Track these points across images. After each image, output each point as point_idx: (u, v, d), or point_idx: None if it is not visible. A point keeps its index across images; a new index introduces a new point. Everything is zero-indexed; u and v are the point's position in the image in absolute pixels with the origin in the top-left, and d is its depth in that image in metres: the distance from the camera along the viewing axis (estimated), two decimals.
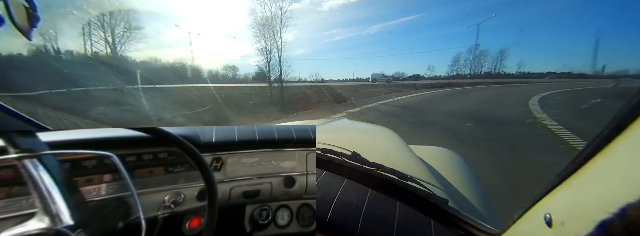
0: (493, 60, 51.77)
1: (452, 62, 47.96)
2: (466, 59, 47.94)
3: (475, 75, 45.25)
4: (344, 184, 0.74)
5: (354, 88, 19.70)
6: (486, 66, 49.78)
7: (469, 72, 47.40)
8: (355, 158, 0.92)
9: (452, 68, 47.67)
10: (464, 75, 43.88)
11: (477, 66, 48.73)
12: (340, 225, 0.58)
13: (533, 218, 0.40)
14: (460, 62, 48.26)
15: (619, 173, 0.26)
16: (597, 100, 8.24)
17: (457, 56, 48.29)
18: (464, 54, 49.01)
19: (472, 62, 48.15)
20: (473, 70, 48.46)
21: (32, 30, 0.53)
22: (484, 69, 50.67)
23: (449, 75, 44.59)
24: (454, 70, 47.32)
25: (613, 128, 0.27)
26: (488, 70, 50.48)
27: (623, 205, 0.23)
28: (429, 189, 0.77)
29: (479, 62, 49.25)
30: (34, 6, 0.51)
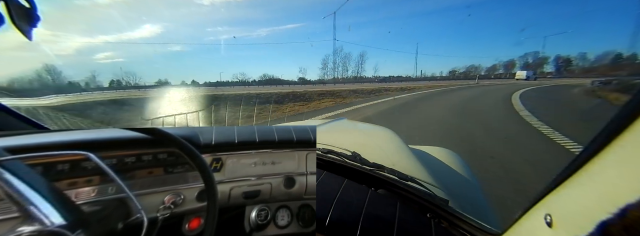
0: (355, 63, 67.35)
1: (321, 65, 64.07)
2: (334, 61, 64.56)
3: (342, 78, 59.67)
4: (344, 184, 0.74)
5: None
6: (350, 70, 66.74)
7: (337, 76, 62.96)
8: (355, 158, 0.92)
9: (323, 71, 64.09)
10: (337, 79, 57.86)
11: (343, 70, 65.15)
12: (340, 225, 0.58)
13: (533, 218, 0.40)
14: (329, 65, 64.67)
15: (619, 173, 0.26)
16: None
17: (325, 58, 64.53)
18: (330, 56, 65.76)
19: (336, 66, 64.17)
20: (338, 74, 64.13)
21: (31, 30, 0.53)
22: (349, 72, 66.86)
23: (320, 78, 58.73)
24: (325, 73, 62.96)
25: (613, 128, 0.27)
26: (352, 73, 66.38)
27: (623, 205, 0.23)
28: (429, 189, 0.77)
29: (345, 65, 65.61)
30: (34, 6, 0.51)
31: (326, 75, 64.94)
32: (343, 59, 68.05)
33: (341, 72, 67.50)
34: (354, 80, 52.26)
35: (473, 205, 0.95)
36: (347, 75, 66.69)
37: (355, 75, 66.68)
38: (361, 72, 69.52)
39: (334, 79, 58.88)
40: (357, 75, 67.49)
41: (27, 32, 0.52)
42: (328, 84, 38.09)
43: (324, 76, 63.98)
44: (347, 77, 65.44)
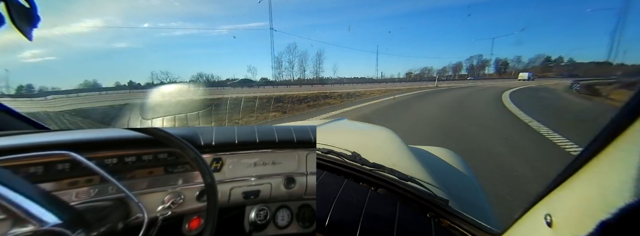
0: (313, 63, 67.52)
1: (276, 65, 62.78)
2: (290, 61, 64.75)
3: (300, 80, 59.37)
4: (344, 184, 0.74)
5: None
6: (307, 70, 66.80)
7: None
8: (355, 158, 0.92)
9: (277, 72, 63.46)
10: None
11: (300, 70, 64.98)
12: (340, 225, 0.58)
13: (533, 218, 0.40)
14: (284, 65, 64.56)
15: (619, 173, 0.26)
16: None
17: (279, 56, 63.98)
18: (284, 54, 65.44)
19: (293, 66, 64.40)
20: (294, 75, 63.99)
21: (32, 30, 0.53)
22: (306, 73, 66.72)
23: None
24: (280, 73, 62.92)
25: (613, 128, 0.27)
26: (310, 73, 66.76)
27: (623, 205, 0.23)
28: (429, 189, 0.77)
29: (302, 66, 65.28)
30: (34, 6, 0.52)
31: (282, 76, 62.58)
32: (300, 58, 66.28)
33: (297, 72, 65.08)
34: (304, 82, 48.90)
35: (473, 205, 0.95)
36: (304, 76, 64.54)
37: (314, 77, 64.40)
38: (319, 72, 68.57)
39: (284, 81, 55.89)
40: (316, 76, 65.07)
41: (27, 32, 0.52)
42: (280, 86, 35.97)
43: (280, 76, 61.42)
44: (304, 77, 63.14)
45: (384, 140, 1.38)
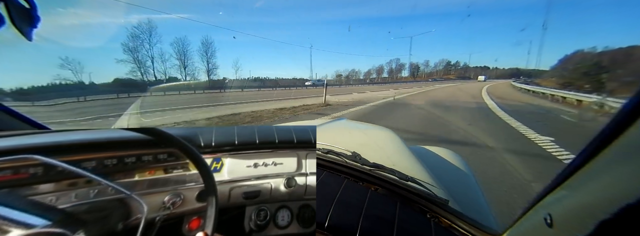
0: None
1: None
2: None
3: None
4: (344, 184, 0.74)
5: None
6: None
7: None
8: (355, 158, 0.92)
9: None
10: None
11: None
12: (340, 225, 0.58)
13: (533, 218, 0.40)
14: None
15: (619, 173, 0.26)
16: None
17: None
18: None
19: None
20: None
21: (32, 30, 0.53)
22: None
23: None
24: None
25: (612, 128, 0.27)
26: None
27: (623, 205, 0.23)
28: (429, 189, 0.77)
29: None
30: (34, 6, 0.52)
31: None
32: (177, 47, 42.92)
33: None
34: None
35: (473, 205, 0.95)
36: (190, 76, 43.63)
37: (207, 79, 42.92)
38: (211, 70, 45.69)
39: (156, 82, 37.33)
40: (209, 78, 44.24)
41: (27, 32, 0.52)
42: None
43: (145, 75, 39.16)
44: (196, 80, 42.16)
45: (384, 140, 1.38)
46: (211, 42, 46.15)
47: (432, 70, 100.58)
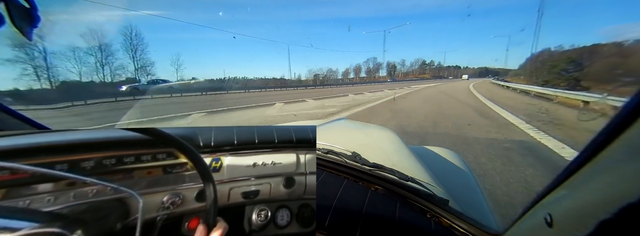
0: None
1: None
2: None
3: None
4: (344, 184, 0.74)
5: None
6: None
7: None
8: (355, 158, 0.92)
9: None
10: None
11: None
12: (340, 225, 0.58)
13: (533, 218, 0.40)
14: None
15: (619, 173, 0.26)
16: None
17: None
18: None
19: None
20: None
21: (32, 30, 0.53)
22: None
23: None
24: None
25: (612, 128, 0.27)
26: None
27: (623, 205, 0.23)
28: (429, 189, 0.77)
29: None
30: (34, 6, 0.52)
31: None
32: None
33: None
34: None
35: (473, 205, 0.95)
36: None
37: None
38: (141, 71, 36.41)
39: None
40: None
41: (27, 32, 0.52)
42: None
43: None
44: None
45: (384, 140, 1.38)
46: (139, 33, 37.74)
47: (408, 69, 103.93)
